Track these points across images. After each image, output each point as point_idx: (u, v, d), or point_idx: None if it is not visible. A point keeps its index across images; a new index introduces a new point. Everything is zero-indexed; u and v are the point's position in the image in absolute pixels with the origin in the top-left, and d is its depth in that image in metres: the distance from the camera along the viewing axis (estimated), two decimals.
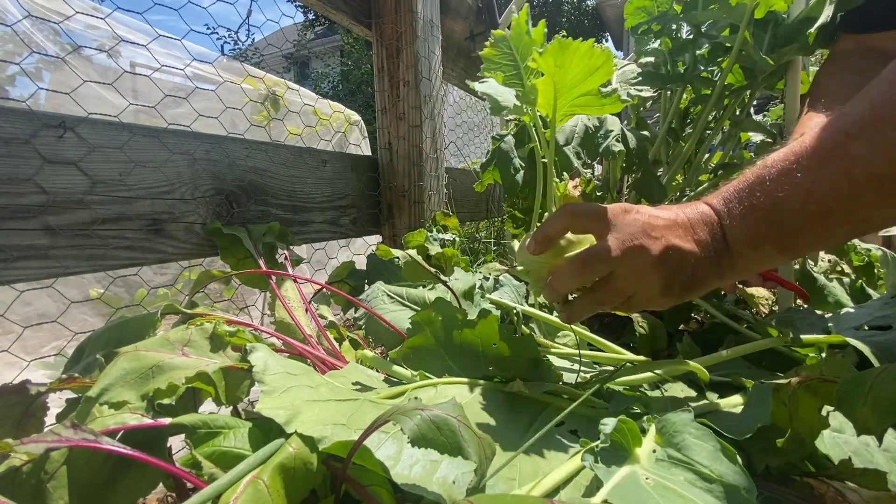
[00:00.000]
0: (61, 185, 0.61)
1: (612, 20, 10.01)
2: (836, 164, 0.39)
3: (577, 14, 15.34)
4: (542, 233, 0.51)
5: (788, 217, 0.42)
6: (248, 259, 0.78)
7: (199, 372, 0.45)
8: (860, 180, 0.38)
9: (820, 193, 0.40)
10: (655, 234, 0.46)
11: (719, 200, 0.47)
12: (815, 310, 0.85)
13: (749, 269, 0.47)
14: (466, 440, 0.33)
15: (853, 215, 0.40)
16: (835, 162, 0.39)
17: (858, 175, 0.38)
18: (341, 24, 1.17)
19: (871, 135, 0.37)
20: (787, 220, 0.42)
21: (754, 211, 0.43)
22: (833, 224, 0.41)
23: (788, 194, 0.41)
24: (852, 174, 0.38)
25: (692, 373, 0.59)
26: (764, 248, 0.44)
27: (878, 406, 0.36)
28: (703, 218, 0.47)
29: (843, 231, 0.42)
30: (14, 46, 1.23)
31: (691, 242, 0.46)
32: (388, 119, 1.21)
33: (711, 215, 0.47)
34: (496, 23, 1.73)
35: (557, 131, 0.90)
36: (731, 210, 0.45)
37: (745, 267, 0.46)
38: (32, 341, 1.30)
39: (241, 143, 0.86)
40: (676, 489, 0.32)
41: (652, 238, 0.45)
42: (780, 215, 0.42)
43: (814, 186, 0.40)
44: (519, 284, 0.85)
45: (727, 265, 0.46)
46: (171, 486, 0.44)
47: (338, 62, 11.99)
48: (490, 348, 0.58)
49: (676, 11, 0.97)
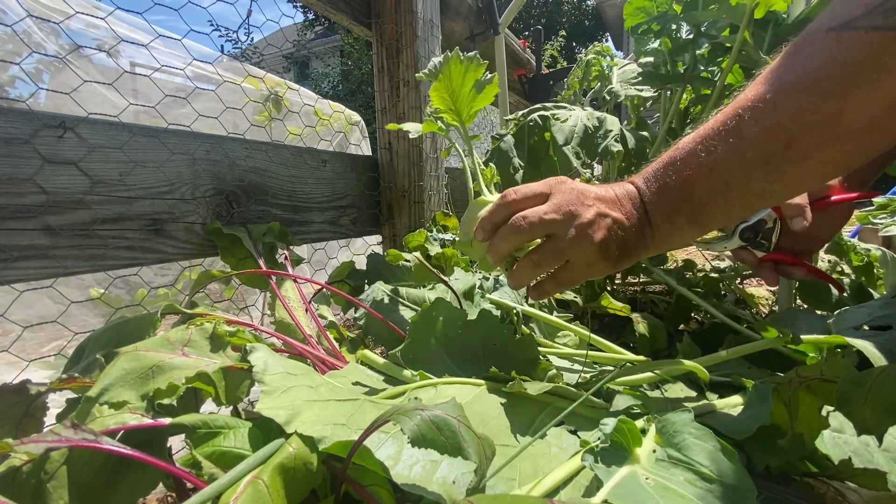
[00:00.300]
0: (61, 185, 0.61)
1: (612, 20, 10.01)
2: (732, 144, 0.43)
3: (577, 14, 15.35)
4: (488, 222, 0.54)
5: (696, 193, 0.46)
6: (248, 259, 0.78)
7: (199, 372, 0.45)
8: (752, 159, 0.42)
9: (720, 171, 0.44)
10: (588, 203, 0.50)
11: (640, 179, 0.51)
12: (815, 310, 0.85)
13: (669, 242, 0.51)
14: (466, 440, 0.33)
15: (749, 190, 0.44)
16: (730, 142, 0.43)
17: (751, 154, 0.42)
18: (341, 24, 1.17)
19: (759, 116, 0.41)
20: (694, 195, 0.46)
21: (667, 187, 0.48)
22: (733, 198, 0.45)
23: (694, 172, 0.46)
24: (745, 153, 0.42)
25: (692, 373, 0.59)
26: (677, 222, 0.48)
27: (878, 406, 0.36)
28: (627, 194, 0.51)
29: (743, 203, 0.46)
30: (14, 46, 1.23)
31: (619, 212, 0.50)
32: (388, 119, 1.21)
33: (634, 192, 0.51)
34: (496, 23, 1.73)
35: (556, 131, 0.90)
36: (650, 187, 0.50)
37: (664, 239, 0.51)
38: (32, 341, 1.30)
39: (241, 143, 0.86)
40: (676, 489, 0.32)
41: (585, 205, 0.49)
42: (689, 192, 0.46)
43: (714, 164, 0.44)
44: None
45: (650, 237, 0.51)
46: (171, 486, 0.44)
47: (338, 62, 11.99)
48: (490, 348, 0.58)
49: (676, 11, 0.97)
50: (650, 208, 0.50)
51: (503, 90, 1.76)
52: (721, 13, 0.89)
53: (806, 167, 0.41)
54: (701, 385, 0.62)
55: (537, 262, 0.52)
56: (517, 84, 2.60)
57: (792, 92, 0.40)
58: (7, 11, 1.17)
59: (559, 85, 2.50)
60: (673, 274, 1.04)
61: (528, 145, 0.94)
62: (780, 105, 0.40)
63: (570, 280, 0.53)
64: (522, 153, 0.94)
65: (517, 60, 2.52)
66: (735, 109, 0.43)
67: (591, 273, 0.52)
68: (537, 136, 0.93)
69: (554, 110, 0.93)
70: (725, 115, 0.44)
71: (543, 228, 0.50)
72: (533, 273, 0.53)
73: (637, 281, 1.37)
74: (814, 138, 0.39)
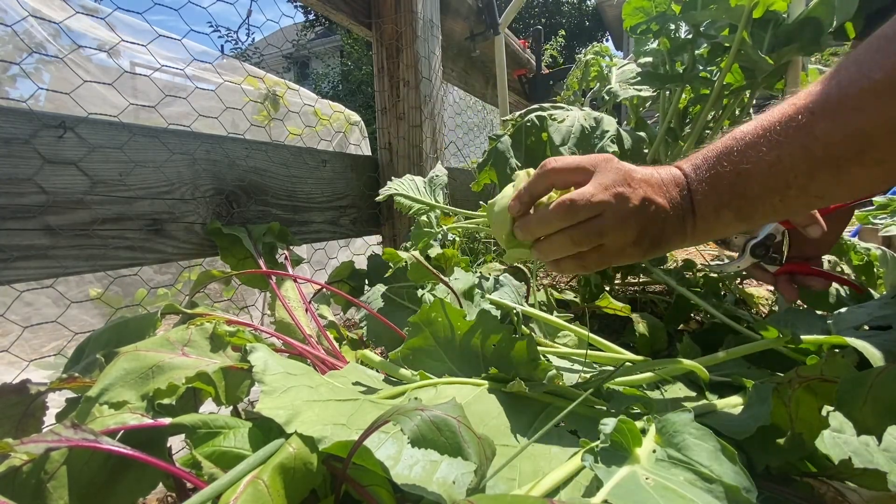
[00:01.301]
0: (61, 185, 0.61)
1: (612, 20, 10.02)
2: (799, 142, 0.40)
3: (577, 14, 15.35)
4: (526, 192, 0.52)
5: (749, 188, 0.43)
6: (248, 259, 0.78)
7: (199, 372, 0.45)
8: (820, 159, 0.39)
9: (781, 168, 0.41)
10: (634, 185, 0.47)
11: (689, 166, 0.48)
12: (815, 310, 0.85)
13: (709, 234, 0.49)
14: (466, 441, 0.33)
15: (808, 191, 0.41)
16: (798, 139, 0.40)
17: (819, 154, 0.39)
18: (341, 24, 1.17)
19: (834, 116, 0.38)
20: (748, 190, 0.44)
21: (720, 178, 0.45)
22: (790, 198, 0.42)
23: (752, 167, 0.43)
24: (814, 153, 0.39)
25: (692, 373, 0.59)
26: (724, 215, 0.46)
27: (878, 406, 0.36)
28: (674, 179, 0.48)
29: (800, 204, 0.43)
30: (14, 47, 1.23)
31: (664, 198, 0.47)
32: (388, 119, 1.21)
33: (681, 178, 0.48)
34: (496, 23, 1.73)
35: (553, 131, 0.91)
36: (699, 175, 0.47)
37: (705, 231, 0.48)
38: (32, 341, 1.30)
39: (241, 143, 0.86)
40: (676, 489, 0.32)
41: (631, 187, 0.47)
42: (742, 186, 0.44)
43: (776, 161, 0.41)
44: (519, 284, 0.85)
45: (690, 228, 0.48)
46: (171, 486, 0.44)
47: (338, 62, 11.99)
48: (490, 349, 0.58)
49: (675, 11, 0.97)
50: (697, 198, 0.47)
51: (503, 90, 1.75)
52: (720, 13, 0.89)
53: (876, 172, 0.38)
54: (701, 385, 0.62)
55: (576, 241, 0.49)
56: (517, 84, 2.60)
57: (879, 92, 0.36)
58: (7, 10, 1.17)
59: (559, 85, 2.50)
60: (673, 274, 1.04)
61: (526, 146, 0.94)
62: (862, 105, 0.37)
63: (595, 263, 0.51)
64: (520, 154, 0.93)
65: (517, 60, 2.52)
66: (806, 103, 0.40)
67: (619, 259, 0.50)
68: (534, 136, 0.93)
69: (551, 111, 0.93)
70: (795, 108, 0.41)
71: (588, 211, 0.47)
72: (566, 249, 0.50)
73: (637, 281, 1.37)
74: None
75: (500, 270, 1.06)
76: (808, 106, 0.40)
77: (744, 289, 1.21)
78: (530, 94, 2.58)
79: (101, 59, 1.37)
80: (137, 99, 1.38)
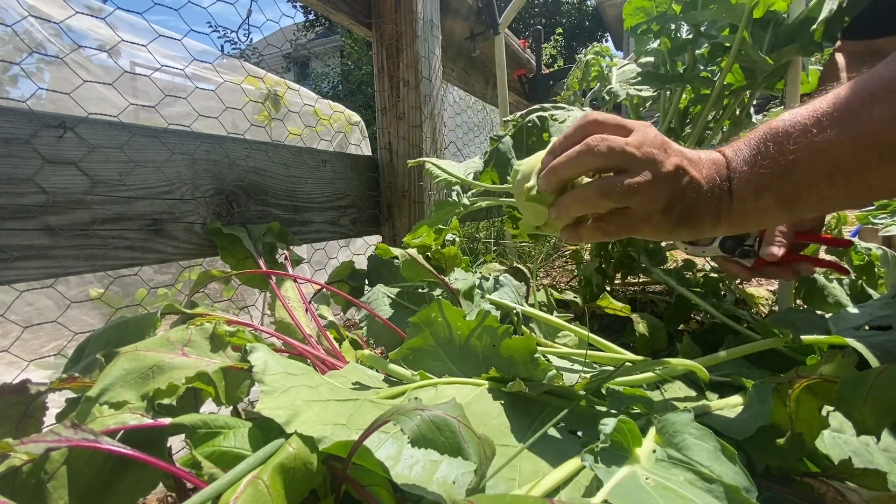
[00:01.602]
0: (61, 185, 0.61)
1: (613, 20, 10.02)
2: (854, 126, 0.37)
3: (577, 14, 15.35)
4: (563, 142, 0.49)
5: (796, 172, 0.41)
6: (248, 259, 0.78)
7: (199, 372, 0.45)
8: (877, 146, 0.37)
9: (831, 154, 0.39)
10: (669, 152, 0.46)
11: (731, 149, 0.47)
12: (815, 310, 0.85)
13: (746, 220, 0.47)
14: (466, 441, 0.33)
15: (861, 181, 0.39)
16: (854, 123, 0.38)
17: (876, 140, 0.37)
18: (341, 24, 1.17)
19: (893, 99, 0.36)
20: (793, 174, 0.41)
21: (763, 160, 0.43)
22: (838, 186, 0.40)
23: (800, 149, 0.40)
24: (870, 138, 0.37)
25: (692, 373, 0.59)
26: (764, 200, 0.44)
27: (878, 406, 0.36)
28: (712, 160, 0.46)
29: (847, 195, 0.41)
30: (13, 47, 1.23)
31: (699, 173, 0.45)
32: (388, 119, 1.21)
33: (720, 159, 0.46)
34: (496, 23, 1.73)
35: (555, 131, 0.90)
36: (740, 155, 0.45)
37: (742, 216, 0.46)
38: (32, 341, 1.30)
39: (241, 143, 0.86)
40: (676, 489, 0.32)
41: (667, 153, 0.45)
42: (787, 170, 0.41)
43: (828, 146, 0.39)
44: (519, 285, 0.85)
45: (725, 210, 0.46)
46: (171, 486, 0.44)
47: (338, 62, 11.98)
48: (490, 350, 0.58)
49: (675, 11, 0.97)
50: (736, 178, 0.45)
51: (503, 90, 1.75)
52: (720, 13, 0.89)
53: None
54: (701, 385, 0.62)
55: (603, 192, 0.46)
56: (517, 84, 2.60)
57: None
58: (7, 10, 1.17)
59: (559, 85, 2.50)
60: (673, 274, 1.04)
61: (527, 146, 0.94)
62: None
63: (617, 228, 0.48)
64: (521, 154, 0.93)
65: (517, 60, 2.52)
66: (866, 87, 0.38)
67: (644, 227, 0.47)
68: (535, 136, 0.93)
69: (552, 111, 0.93)
70: (852, 91, 0.38)
71: (621, 158, 0.45)
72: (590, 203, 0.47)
73: (637, 281, 1.37)
74: None
75: (501, 271, 1.06)
76: (868, 89, 0.38)
77: (744, 289, 1.21)
78: (530, 94, 2.58)
79: (102, 59, 1.37)
80: (138, 99, 1.38)
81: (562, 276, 1.84)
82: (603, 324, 1.12)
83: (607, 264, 1.14)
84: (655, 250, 1.05)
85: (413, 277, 0.80)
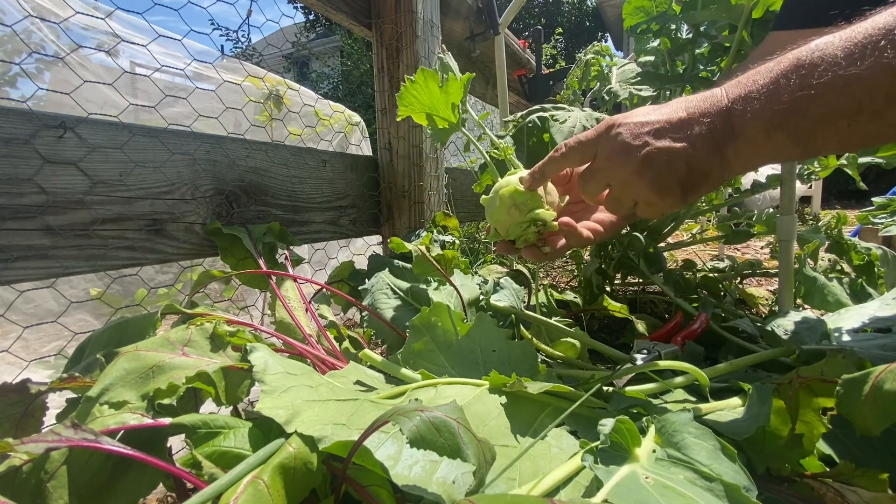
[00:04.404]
0: (61, 185, 0.61)
1: (613, 20, 10.01)
2: (885, 58, 0.35)
3: (577, 14, 15.34)
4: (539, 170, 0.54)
5: (814, 108, 0.38)
6: (248, 259, 0.78)
7: (200, 372, 0.45)
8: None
9: (858, 88, 0.36)
10: (637, 143, 0.47)
11: (732, 83, 0.44)
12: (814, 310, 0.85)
13: (757, 160, 0.44)
14: (466, 442, 0.33)
15: (883, 117, 0.37)
16: (885, 55, 0.35)
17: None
18: (341, 24, 1.17)
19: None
20: (811, 110, 0.38)
21: (779, 93, 0.40)
22: (860, 123, 0.37)
23: (822, 83, 0.37)
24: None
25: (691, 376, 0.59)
26: (777, 138, 0.41)
27: (878, 406, 0.36)
28: (707, 106, 0.44)
29: (866, 133, 0.38)
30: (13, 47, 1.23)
31: (682, 141, 0.45)
32: (388, 119, 1.21)
33: (720, 99, 0.44)
34: (496, 23, 1.72)
35: (555, 132, 0.90)
36: (745, 92, 0.42)
37: (752, 156, 0.44)
38: (33, 341, 1.30)
39: (241, 143, 0.86)
40: (676, 488, 0.32)
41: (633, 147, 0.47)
42: (806, 105, 0.38)
43: (853, 79, 0.36)
44: (519, 288, 0.85)
45: (732, 154, 0.44)
46: (171, 486, 0.44)
47: (338, 62, 11.97)
48: (489, 354, 0.58)
49: (675, 11, 0.97)
50: (742, 119, 0.42)
51: (503, 90, 1.75)
52: (720, 13, 0.89)
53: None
54: (699, 390, 0.62)
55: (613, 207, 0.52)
56: (517, 84, 2.59)
57: None
58: (8, 9, 1.17)
59: (559, 85, 2.50)
60: (673, 275, 1.04)
61: (528, 146, 0.94)
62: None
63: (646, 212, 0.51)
64: (522, 154, 0.93)
65: (517, 60, 2.52)
66: (893, 14, 0.35)
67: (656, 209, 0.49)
68: (536, 137, 0.93)
69: (552, 111, 0.93)
70: (887, 20, 0.35)
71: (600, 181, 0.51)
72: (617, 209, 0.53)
73: (637, 281, 1.37)
74: None
75: (501, 273, 1.05)
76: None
77: (744, 289, 1.21)
78: (530, 94, 2.57)
79: (101, 59, 1.37)
80: (138, 99, 1.38)
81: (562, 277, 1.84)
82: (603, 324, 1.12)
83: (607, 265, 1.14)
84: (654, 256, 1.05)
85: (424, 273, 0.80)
